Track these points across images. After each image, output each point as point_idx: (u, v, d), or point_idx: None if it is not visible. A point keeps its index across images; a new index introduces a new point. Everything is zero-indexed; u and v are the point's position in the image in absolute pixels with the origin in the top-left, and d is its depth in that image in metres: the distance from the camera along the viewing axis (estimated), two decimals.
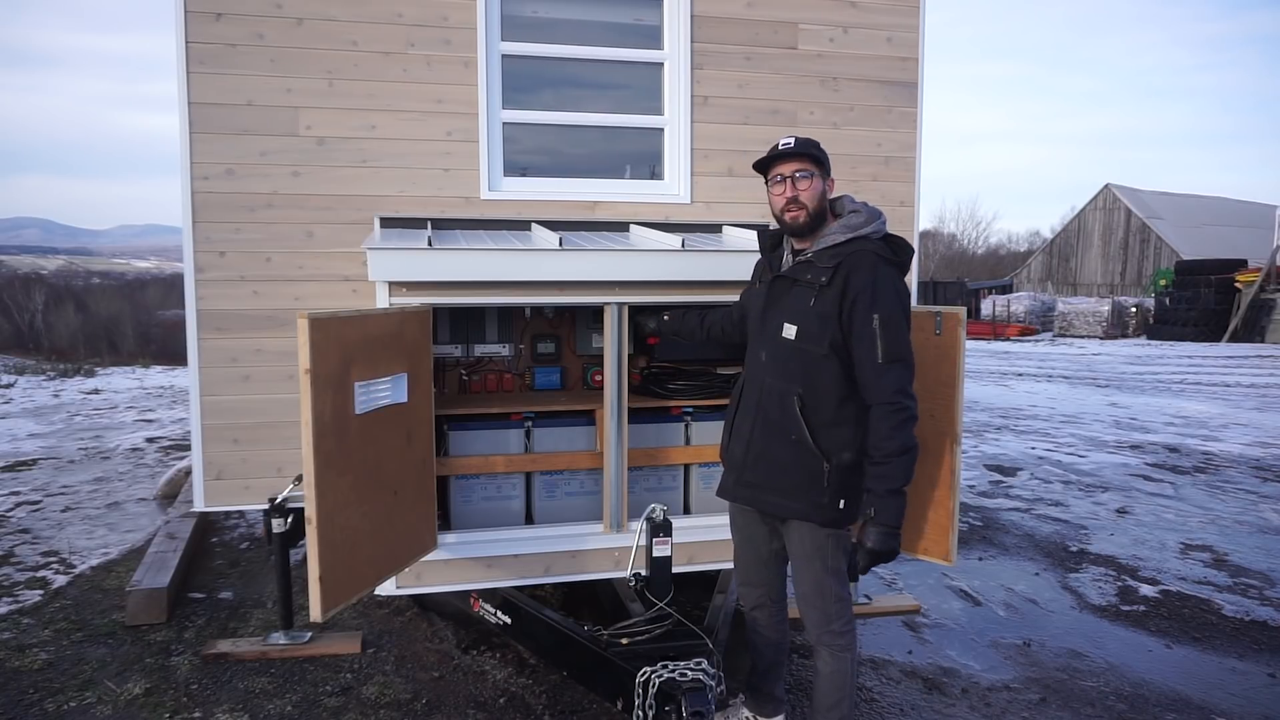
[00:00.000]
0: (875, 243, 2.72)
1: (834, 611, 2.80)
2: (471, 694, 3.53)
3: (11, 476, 7.05)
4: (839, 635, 2.81)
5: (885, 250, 2.71)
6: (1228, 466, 7.91)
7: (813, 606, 2.81)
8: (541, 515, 3.77)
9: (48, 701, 3.42)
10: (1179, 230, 37.49)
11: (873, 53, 4.35)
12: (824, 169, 2.76)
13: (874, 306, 2.59)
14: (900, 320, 2.64)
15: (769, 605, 3.02)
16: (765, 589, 3.01)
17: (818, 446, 2.67)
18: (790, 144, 2.74)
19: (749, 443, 2.81)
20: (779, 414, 2.73)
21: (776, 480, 2.76)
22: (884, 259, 2.69)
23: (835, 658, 2.82)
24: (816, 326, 2.66)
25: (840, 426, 2.68)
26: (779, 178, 2.75)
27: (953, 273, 46.32)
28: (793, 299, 2.73)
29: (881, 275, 2.64)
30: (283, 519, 3.75)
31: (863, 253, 2.67)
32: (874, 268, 2.64)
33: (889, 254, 2.71)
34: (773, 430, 2.75)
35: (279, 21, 3.74)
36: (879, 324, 2.58)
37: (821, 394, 2.67)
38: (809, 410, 2.68)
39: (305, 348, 2.68)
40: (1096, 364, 17.86)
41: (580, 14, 4.21)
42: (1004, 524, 6.00)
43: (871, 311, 2.59)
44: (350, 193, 3.86)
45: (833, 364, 2.66)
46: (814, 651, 2.88)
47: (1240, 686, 3.73)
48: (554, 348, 4.21)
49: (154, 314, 31.47)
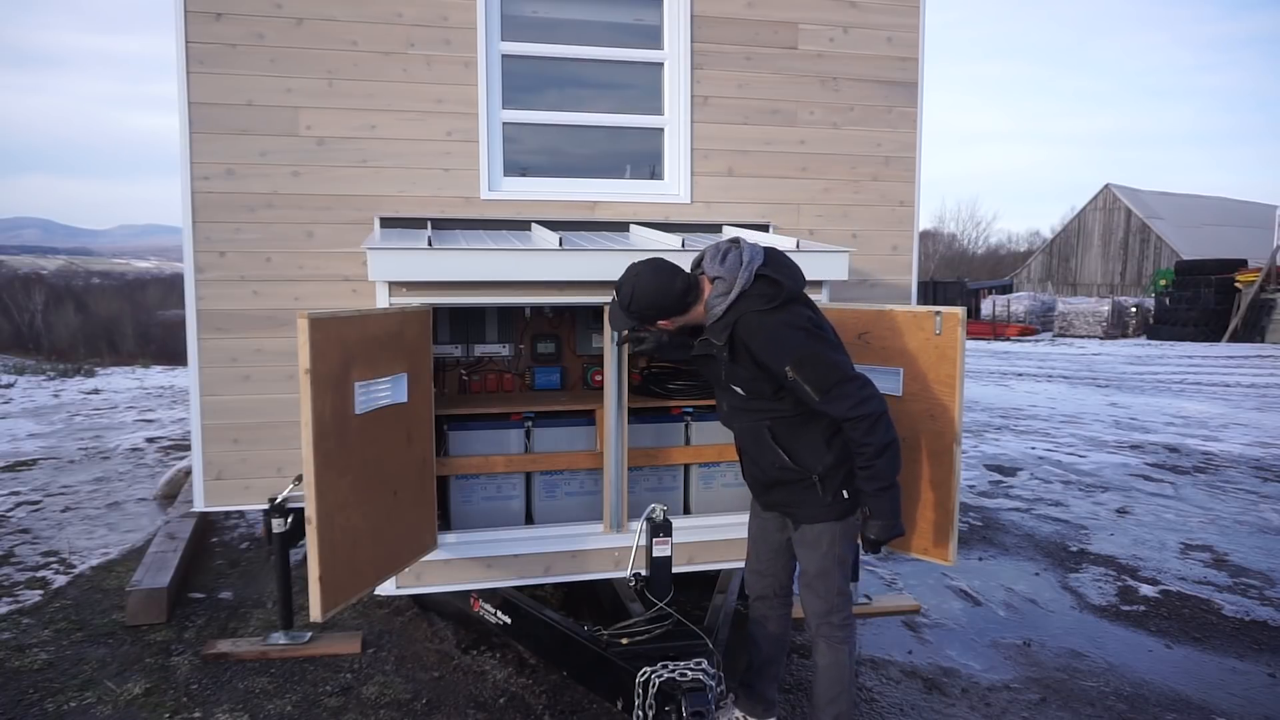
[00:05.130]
0: (750, 298, 2.65)
1: (836, 603, 2.85)
2: (471, 694, 3.53)
3: (11, 476, 7.05)
4: (838, 628, 2.86)
5: (761, 300, 2.64)
6: (1228, 466, 7.91)
7: (816, 595, 2.85)
8: (541, 515, 3.77)
9: (48, 701, 3.43)
10: (1179, 230, 37.48)
11: (873, 53, 4.36)
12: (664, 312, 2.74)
13: (781, 359, 2.60)
14: (812, 353, 2.60)
15: (773, 598, 3.07)
16: (773, 579, 3.06)
17: (798, 464, 2.77)
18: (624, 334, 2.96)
19: (753, 471, 2.96)
20: (756, 449, 2.86)
21: (782, 497, 2.89)
22: (764, 311, 2.63)
23: (833, 649, 2.86)
24: (752, 385, 2.75)
25: (813, 442, 2.76)
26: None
27: (953, 273, 46.29)
28: (722, 367, 2.79)
29: (769, 330, 2.62)
30: (283, 519, 3.75)
31: (743, 319, 2.64)
32: (760, 328, 2.62)
33: (767, 301, 2.64)
34: (760, 463, 2.88)
35: (279, 21, 3.75)
36: (794, 370, 2.59)
37: (784, 424, 2.78)
38: (780, 438, 2.78)
39: (305, 348, 2.68)
40: (1096, 364, 17.85)
41: (580, 14, 4.21)
42: (1004, 524, 6.00)
43: (782, 365, 2.60)
44: (350, 193, 3.86)
45: (785, 402, 2.74)
46: (812, 644, 2.92)
47: (1240, 686, 3.73)
48: (554, 348, 4.21)
49: (154, 314, 31.44)
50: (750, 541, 3.14)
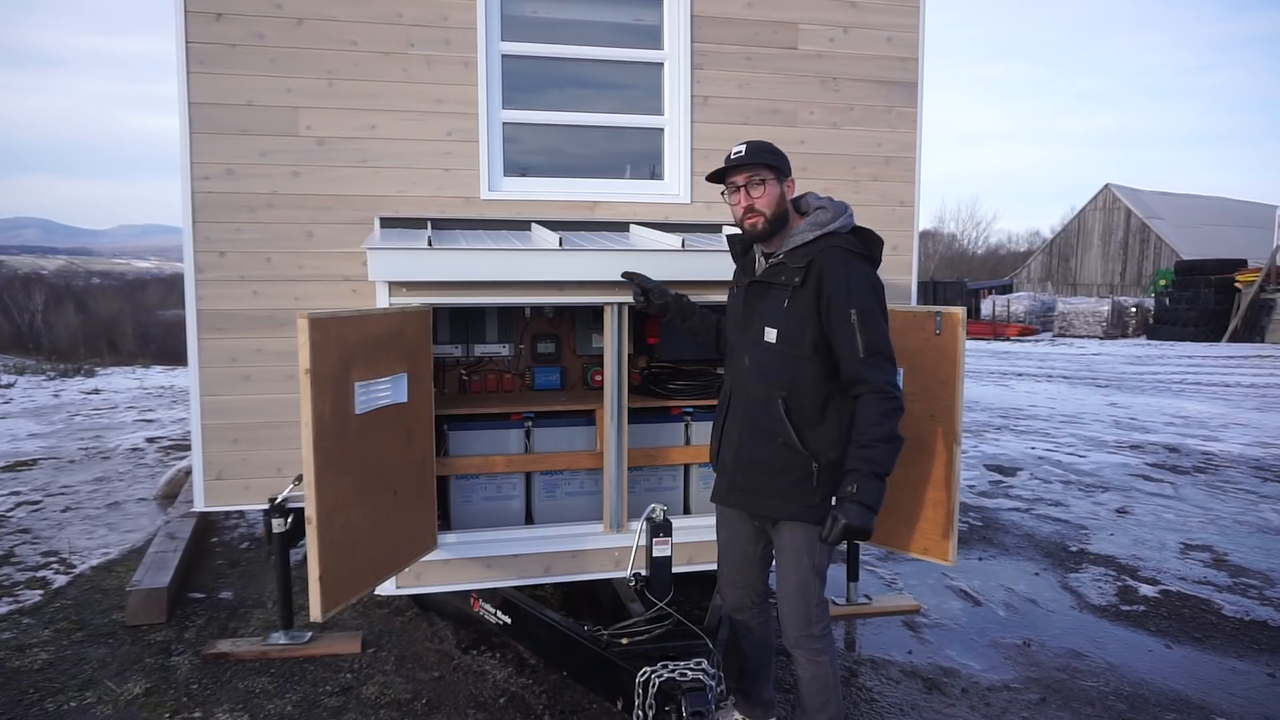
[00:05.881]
0: (844, 237, 2.70)
1: (814, 615, 2.78)
2: (471, 694, 3.53)
3: (11, 476, 7.05)
4: (817, 639, 2.79)
5: (855, 244, 2.70)
6: (1228, 466, 7.91)
7: (794, 608, 2.78)
8: (541, 515, 3.77)
9: (48, 701, 3.42)
10: (1179, 230, 37.49)
11: (873, 53, 4.36)
12: (779, 172, 2.73)
13: (850, 301, 2.58)
14: (877, 314, 2.62)
15: (752, 607, 2.99)
16: (748, 590, 2.98)
17: (805, 448, 2.66)
18: (741, 152, 2.72)
19: (738, 448, 2.78)
20: (765, 419, 2.71)
21: (769, 484, 2.74)
22: (854, 253, 2.67)
23: (814, 663, 2.80)
24: (796, 328, 2.65)
25: (825, 426, 2.67)
26: (734, 186, 2.74)
27: (953, 273, 46.30)
28: (769, 302, 2.72)
29: (854, 270, 2.63)
30: (283, 519, 3.75)
31: (833, 249, 2.66)
32: (845, 263, 2.64)
33: (859, 248, 2.70)
34: (760, 435, 2.73)
35: (279, 21, 3.75)
36: (857, 319, 2.57)
37: (805, 396, 2.67)
38: (794, 413, 2.67)
39: (305, 348, 2.68)
40: (1096, 364, 17.86)
41: (580, 14, 4.21)
42: (1004, 524, 6.01)
43: (848, 307, 2.58)
44: (350, 193, 3.86)
45: (814, 365, 2.65)
46: (792, 657, 2.85)
47: (1240, 686, 3.73)
48: (554, 348, 4.21)
49: (154, 314, 31.46)
50: (721, 553, 3.01)
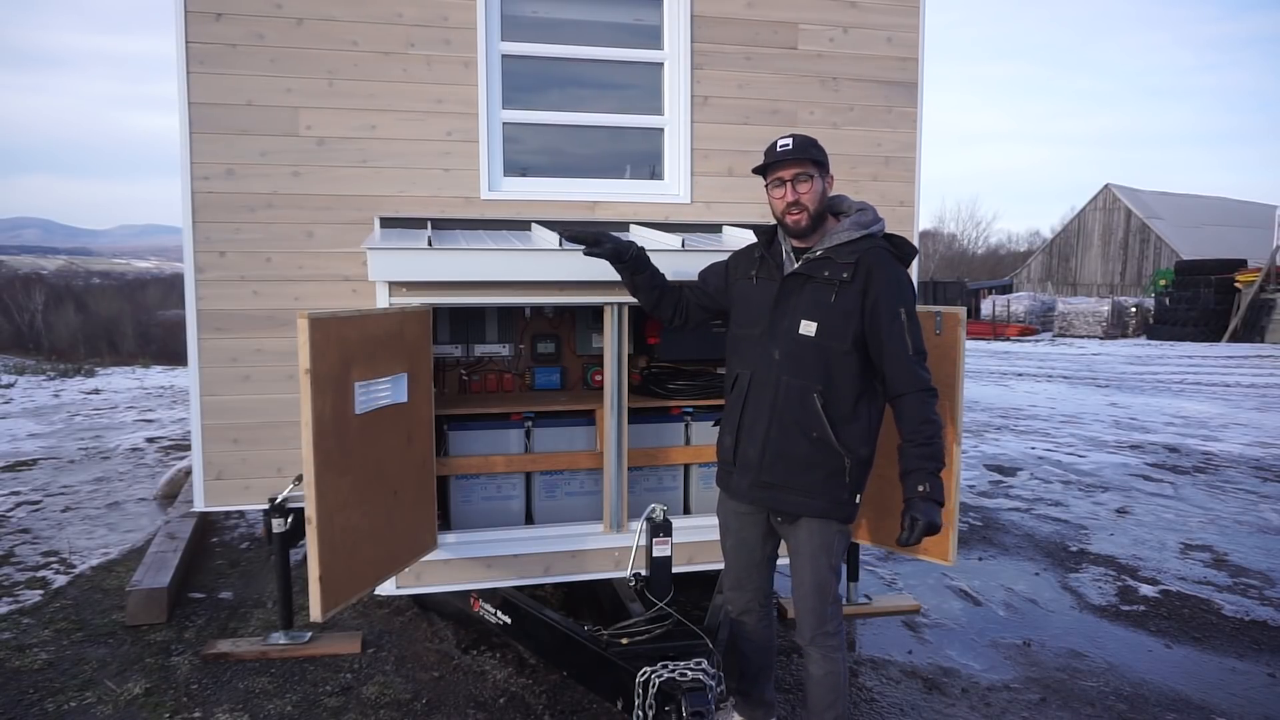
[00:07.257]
0: (883, 240, 2.79)
1: (829, 612, 2.80)
2: (471, 694, 3.53)
3: (11, 476, 7.05)
4: (832, 636, 2.80)
5: (893, 248, 2.79)
6: (1228, 466, 7.91)
7: (810, 608, 2.79)
8: (541, 515, 3.77)
9: (48, 701, 3.43)
10: (1179, 230, 37.48)
11: (873, 53, 4.35)
12: (823, 169, 2.78)
13: (899, 301, 2.67)
14: (917, 316, 2.74)
15: (757, 610, 3.00)
16: (756, 593, 2.98)
17: (839, 442, 2.67)
18: (789, 146, 2.73)
19: (765, 443, 2.74)
20: (799, 412, 2.68)
21: (797, 480, 2.71)
22: (895, 257, 2.77)
23: (828, 659, 2.80)
24: (840, 323, 2.67)
25: (858, 422, 2.71)
26: (779, 181, 2.75)
27: (953, 273, 46.31)
28: (809, 296, 2.72)
29: (900, 272, 2.74)
30: (283, 519, 3.75)
31: (879, 250, 2.74)
32: (892, 264, 2.73)
33: (897, 251, 2.80)
34: (791, 429, 2.70)
35: (279, 21, 3.74)
36: (906, 318, 2.66)
37: (841, 390, 2.69)
38: (829, 407, 2.67)
39: (305, 348, 2.68)
40: (1096, 364, 17.86)
41: (580, 14, 4.21)
42: (1004, 524, 6.01)
43: (898, 306, 2.66)
44: (350, 193, 3.86)
45: (853, 360, 2.68)
46: (805, 654, 2.85)
47: (1240, 686, 3.73)
48: (554, 348, 4.21)
49: (154, 314, 31.49)
50: (728, 556, 3.00)
